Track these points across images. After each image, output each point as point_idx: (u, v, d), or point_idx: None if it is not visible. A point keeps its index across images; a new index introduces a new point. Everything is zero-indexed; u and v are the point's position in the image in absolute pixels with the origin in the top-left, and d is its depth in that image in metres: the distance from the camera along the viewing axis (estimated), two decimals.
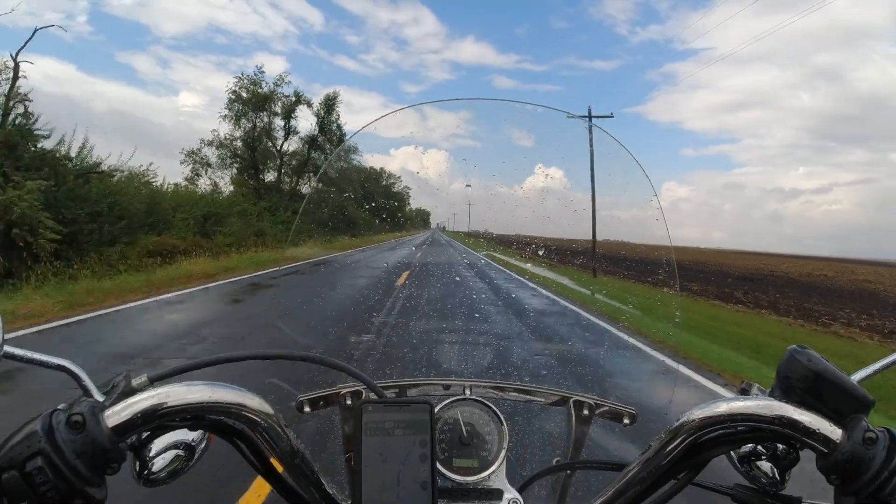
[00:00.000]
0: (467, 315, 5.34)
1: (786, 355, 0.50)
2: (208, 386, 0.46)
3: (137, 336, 5.75)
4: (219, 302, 8.52)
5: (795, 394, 0.48)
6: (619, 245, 8.59)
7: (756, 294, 21.50)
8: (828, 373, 0.47)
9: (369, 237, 15.41)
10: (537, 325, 6.64)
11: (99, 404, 0.43)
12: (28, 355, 0.47)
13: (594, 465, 0.70)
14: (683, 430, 0.51)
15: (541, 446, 1.05)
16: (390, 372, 3.50)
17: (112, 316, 6.79)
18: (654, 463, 0.54)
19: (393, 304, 5.94)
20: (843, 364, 0.49)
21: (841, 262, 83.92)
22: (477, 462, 0.70)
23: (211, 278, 10.94)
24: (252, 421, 0.49)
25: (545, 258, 3.05)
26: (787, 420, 0.46)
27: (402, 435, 0.56)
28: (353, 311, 6.72)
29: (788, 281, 33.90)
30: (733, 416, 0.48)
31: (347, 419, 0.73)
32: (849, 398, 0.47)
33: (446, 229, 8.93)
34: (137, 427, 0.43)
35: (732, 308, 15.60)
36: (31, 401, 3.44)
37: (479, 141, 1.31)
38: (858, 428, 0.45)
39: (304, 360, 0.60)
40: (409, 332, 4.82)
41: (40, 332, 5.72)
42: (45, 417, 0.40)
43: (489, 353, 4.34)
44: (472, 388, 0.79)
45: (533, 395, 0.85)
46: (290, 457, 0.54)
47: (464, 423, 0.72)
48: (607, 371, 5.02)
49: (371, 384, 0.64)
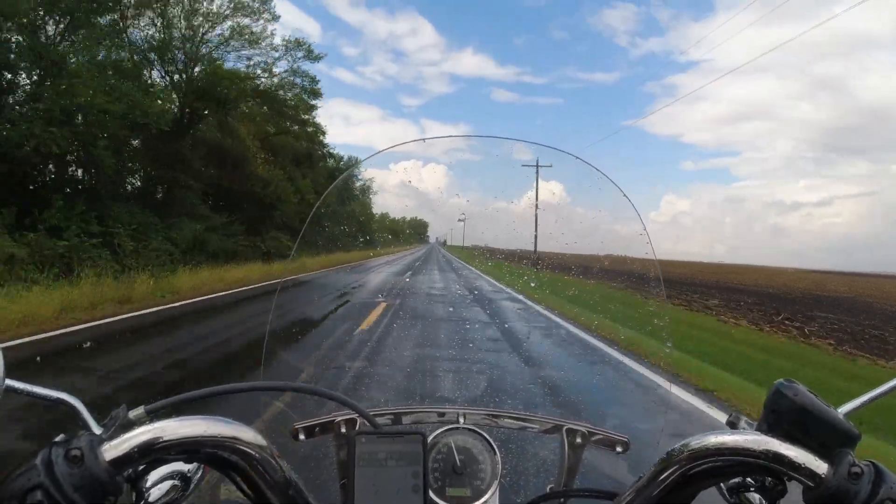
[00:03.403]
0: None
1: (772, 389, 0.51)
2: (203, 420, 0.47)
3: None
4: None
5: (782, 427, 0.49)
6: (614, 260, 8.50)
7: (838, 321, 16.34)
8: (814, 407, 0.48)
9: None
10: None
11: (97, 438, 0.43)
12: (28, 389, 0.47)
13: (587, 494, 0.70)
14: (673, 461, 0.52)
15: (534, 473, 1.05)
16: (384, 399, 3.43)
17: None
18: (645, 493, 0.54)
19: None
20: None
21: (843, 276, 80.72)
22: (470, 491, 0.70)
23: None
24: (246, 453, 0.50)
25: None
26: (773, 454, 0.47)
27: (395, 466, 0.57)
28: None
29: (841, 302, 27.93)
30: (720, 450, 0.49)
31: (342, 447, 0.73)
32: (835, 432, 0.48)
33: (447, 244, 8.29)
34: (135, 460, 0.44)
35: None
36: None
37: (478, 155, 1.33)
38: (844, 462, 0.45)
39: (298, 392, 0.61)
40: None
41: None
42: (44, 451, 0.41)
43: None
44: (466, 416, 0.80)
45: (526, 422, 0.85)
46: (284, 487, 0.54)
47: (457, 452, 0.72)
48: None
49: (364, 414, 0.64)
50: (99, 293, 8.54)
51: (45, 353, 5.46)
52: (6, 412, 3.37)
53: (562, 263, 1.95)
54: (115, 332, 6.79)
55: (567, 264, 1.91)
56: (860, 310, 23.15)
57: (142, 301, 9.05)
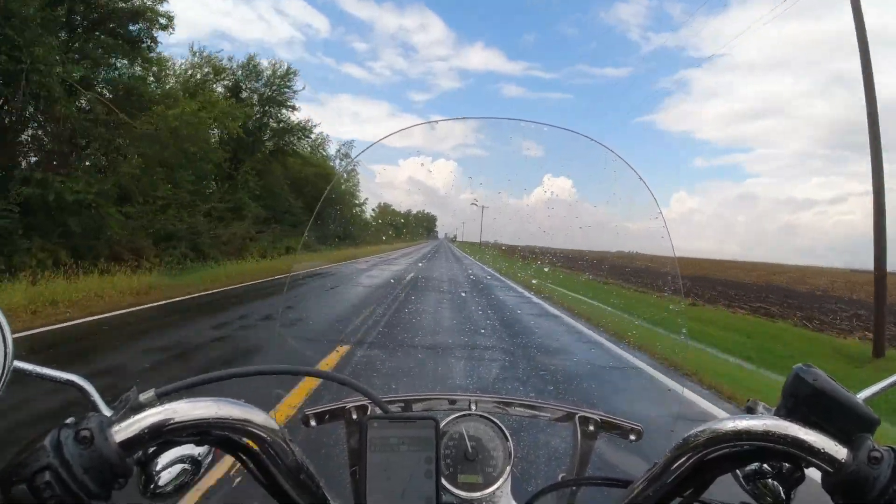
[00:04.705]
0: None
1: (791, 374, 0.50)
2: (214, 402, 0.47)
3: None
4: None
5: (801, 413, 0.48)
6: (626, 257, 8.28)
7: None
8: (833, 392, 0.47)
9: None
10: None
11: (107, 419, 0.43)
12: (37, 370, 0.47)
13: (600, 482, 0.69)
14: (689, 448, 0.51)
15: (546, 462, 1.05)
16: (396, 386, 3.43)
17: None
18: (659, 480, 0.54)
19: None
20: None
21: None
22: (482, 478, 0.70)
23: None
24: (257, 436, 0.50)
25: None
26: (791, 439, 0.46)
27: (407, 451, 0.56)
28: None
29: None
30: (738, 435, 0.48)
31: (353, 433, 0.73)
32: (854, 417, 0.46)
33: (457, 240, 6.45)
34: (144, 442, 0.44)
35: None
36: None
37: (488, 151, 1.32)
38: (863, 447, 0.44)
39: (309, 376, 0.61)
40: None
41: None
42: (53, 432, 0.41)
43: None
44: (477, 404, 0.79)
45: (538, 410, 0.85)
46: (295, 472, 0.54)
47: (469, 439, 0.72)
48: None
49: (376, 399, 0.64)
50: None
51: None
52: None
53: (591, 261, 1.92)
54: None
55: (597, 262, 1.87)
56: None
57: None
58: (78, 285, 8.55)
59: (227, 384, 0.56)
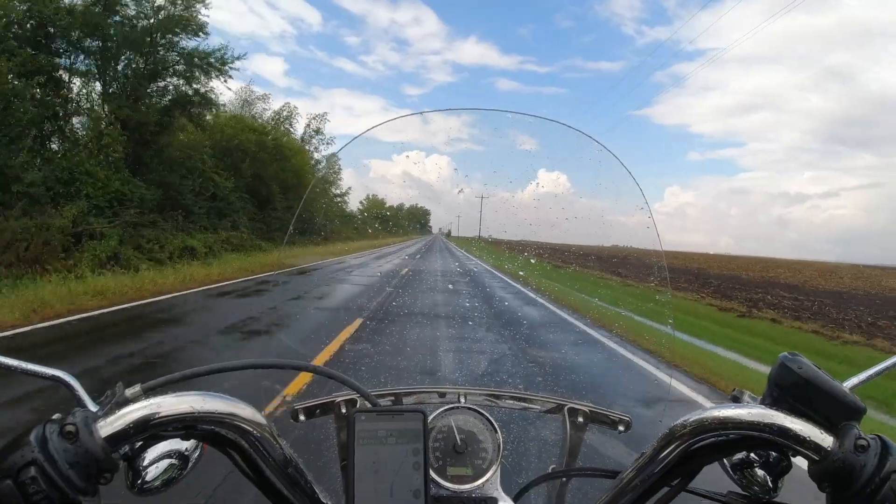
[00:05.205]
0: None
1: (777, 362, 0.50)
2: (200, 396, 0.46)
3: None
4: None
5: (787, 401, 0.48)
6: (614, 250, 8.40)
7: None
8: (819, 380, 0.47)
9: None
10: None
11: (92, 414, 0.43)
12: (21, 366, 0.47)
13: (589, 473, 0.70)
14: (676, 436, 0.51)
15: (536, 454, 1.05)
16: (384, 380, 3.43)
17: None
18: (647, 470, 0.54)
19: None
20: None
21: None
22: (471, 470, 0.70)
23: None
24: (244, 430, 0.49)
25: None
26: (777, 428, 0.46)
27: (395, 444, 0.56)
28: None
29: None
30: (724, 424, 0.48)
31: (342, 427, 0.73)
32: (840, 405, 0.47)
33: (451, 235, 6.26)
34: (130, 437, 0.43)
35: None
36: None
37: (482, 145, 1.31)
38: (850, 435, 0.45)
39: (298, 370, 0.60)
40: None
41: None
42: (38, 428, 0.41)
43: None
44: (466, 396, 0.79)
45: (528, 402, 0.85)
46: (283, 466, 0.54)
47: (458, 432, 0.71)
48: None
49: (364, 392, 0.64)
50: None
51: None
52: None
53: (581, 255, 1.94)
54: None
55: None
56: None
57: None
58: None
59: (222, 378, 0.56)
